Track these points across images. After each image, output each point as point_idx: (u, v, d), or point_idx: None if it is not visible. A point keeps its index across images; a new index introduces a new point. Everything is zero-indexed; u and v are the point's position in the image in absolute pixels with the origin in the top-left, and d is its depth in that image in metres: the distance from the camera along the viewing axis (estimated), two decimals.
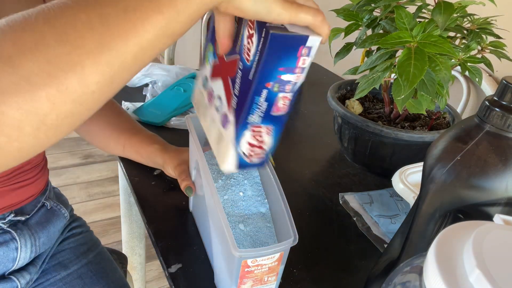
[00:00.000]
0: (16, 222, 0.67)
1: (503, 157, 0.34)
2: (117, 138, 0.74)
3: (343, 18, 0.75)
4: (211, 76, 0.48)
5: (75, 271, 0.76)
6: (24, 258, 0.68)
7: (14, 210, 0.67)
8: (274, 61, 0.38)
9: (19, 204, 0.67)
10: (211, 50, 0.48)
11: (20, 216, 0.67)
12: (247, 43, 0.39)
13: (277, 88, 0.40)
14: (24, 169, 0.67)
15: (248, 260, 0.44)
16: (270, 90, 0.39)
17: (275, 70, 0.38)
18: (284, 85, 0.40)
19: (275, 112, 0.42)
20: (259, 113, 0.41)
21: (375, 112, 0.83)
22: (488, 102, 0.35)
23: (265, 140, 0.44)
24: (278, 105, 0.41)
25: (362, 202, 0.71)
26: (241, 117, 0.41)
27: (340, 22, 0.76)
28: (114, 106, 0.79)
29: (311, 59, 0.39)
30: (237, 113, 0.42)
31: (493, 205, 0.35)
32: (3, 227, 0.65)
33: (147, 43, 0.31)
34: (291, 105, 0.42)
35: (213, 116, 0.47)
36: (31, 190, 0.69)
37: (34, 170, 0.69)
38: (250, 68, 0.39)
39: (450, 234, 0.26)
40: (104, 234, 1.74)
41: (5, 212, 0.65)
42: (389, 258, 0.46)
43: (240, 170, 0.45)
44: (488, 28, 0.68)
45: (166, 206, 0.67)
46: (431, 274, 0.24)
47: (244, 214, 0.52)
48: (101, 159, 2.21)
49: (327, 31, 0.37)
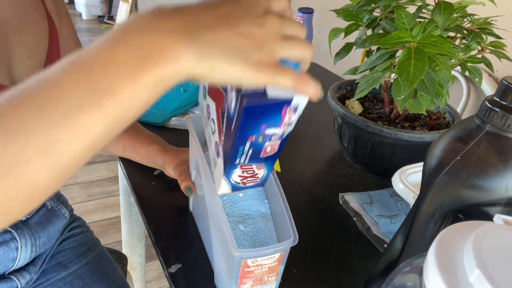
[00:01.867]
0: (16, 221, 0.67)
1: (503, 157, 0.34)
2: (117, 139, 0.73)
3: (343, 18, 0.75)
4: (208, 92, 0.46)
5: (75, 271, 0.76)
6: (24, 258, 0.68)
7: None
8: (254, 125, 0.35)
9: None
10: None
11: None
12: (229, 92, 0.36)
13: (261, 139, 0.37)
14: None
15: (248, 260, 0.44)
16: (255, 141, 0.37)
17: (256, 128, 0.35)
18: (270, 137, 0.37)
19: (263, 155, 0.40)
20: (247, 157, 0.39)
21: (375, 112, 0.83)
22: (488, 102, 0.35)
23: (257, 173, 0.42)
24: (265, 151, 0.39)
25: (362, 202, 0.71)
26: (229, 158, 0.39)
27: (340, 22, 0.76)
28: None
29: (298, 114, 0.36)
30: (225, 152, 0.39)
31: (493, 205, 0.35)
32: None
33: (95, 138, 0.30)
34: (281, 146, 0.40)
35: (210, 135, 0.45)
36: None
37: None
38: (233, 118, 0.36)
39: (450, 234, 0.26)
40: (104, 234, 1.74)
41: None
42: (389, 258, 0.46)
43: (236, 192, 0.44)
44: (488, 28, 0.68)
45: (166, 206, 0.67)
46: (431, 274, 0.24)
47: (244, 214, 0.52)
48: (101, 159, 2.21)
49: (313, 90, 0.34)
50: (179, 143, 0.73)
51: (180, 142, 0.74)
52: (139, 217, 1.12)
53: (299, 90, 0.33)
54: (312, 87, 0.34)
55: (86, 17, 4.70)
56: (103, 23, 4.49)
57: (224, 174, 0.42)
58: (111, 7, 4.72)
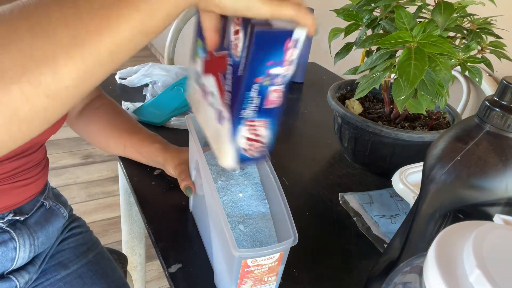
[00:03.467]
0: (15, 221, 0.67)
1: (503, 157, 0.34)
2: (117, 138, 0.73)
3: (343, 18, 0.75)
4: (203, 72, 0.48)
5: (74, 271, 0.76)
6: (23, 258, 0.68)
7: (13, 210, 0.67)
8: (262, 57, 0.38)
9: (19, 204, 0.67)
10: (200, 45, 0.47)
11: (19, 215, 0.67)
12: (234, 39, 0.39)
13: (267, 82, 0.40)
14: (26, 167, 0.66)
15: (248, 260, 0.44)
16: (260, 85, 0.39)
17: (263, 65, 0.38)
18: (274, 78, 0.40)
19: (268, 105, 0.42)
20: (252, 108, 0.41)
21: (375, 112, 0.83)
22: (488, 102, 0.35)
23: (262, 134, 0.44)
24: (270, 98, 0.41)
25: (362, 202, 0.71)
26: (235, 113, 0.41)
27: (340, 22, 0.76)
28: (113, 106, 0.79)
29: (299, 50, 0.39)
30: (231, 109, 0.42)
31: (493, 205, 0.35)
32: (2, 226, 0.65)
33: (122, 40, 0.31)
34: (284, 97, 0.42)
35: (209, 112, 0.47)
36: (31, 190, 0.69)
37: (35, 169, 0.69)
38: (239, 64, 0.39)
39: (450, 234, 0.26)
40: (104, 234, 1.74)
41: (4, 212, 0.65)
42: (389, 258, 0.46)
43: (241, 165, 0.45)
44: (488, 28, 0.68)
45: (166, 206, 0.67)
46: (431, 274, 0.24)
47: (244, 214, 0.52)
48: (101, 159, 2.21)
49: (311, 22, 0.37)
50: (179, 143, 0.73)
51: (180, 142, 0.74)
52: (139, 217, 1.12)
53: (300, 20, 0.37)
54: (310, 18, 0.37)
55: None
56: None
57: (230, 136, 0.42)
58: None
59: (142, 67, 1.09)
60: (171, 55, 1.40)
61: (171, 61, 1.40)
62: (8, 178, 0.63)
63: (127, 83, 1.07)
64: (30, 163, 0.67)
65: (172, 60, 1.40)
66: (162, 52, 3.53)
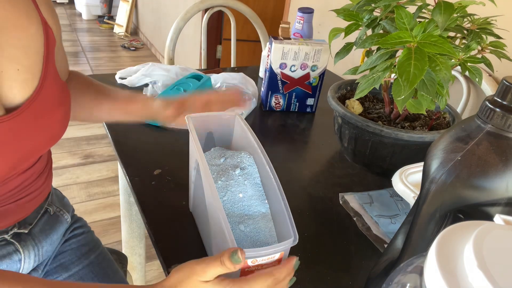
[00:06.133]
0: (19, 233, 0.66)
1: (503, 157, 0.34)
2: (99, 105, 0.72)
3: (343, 18, 0.75)
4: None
5: (76, 273, 0.75)
6: (27, 268, 0.68)
7: (18, 223, 0.66)
8: None
9: (24, 216, 0.66)
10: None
11: (23, 228, 0.66)
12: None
13: None
14: (30, 180, 0.64)
15: (248, 260, 0.44)
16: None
17: None
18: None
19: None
20: None
21: (375, 112, 0.83)
22: (489, 102, 0.35)
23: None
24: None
25: (362, 202, 0.71)
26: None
27: (340, 22, 0.76)
28: (83, 77, 0.75)
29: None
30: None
31: (493, 205, 0.35)
32: (6, 238, 0.64)
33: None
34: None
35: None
36: (37, 202, 0.67)
37: (39, 180, 0.66)
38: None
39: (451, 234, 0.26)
40: (104, 234, 1.74)
41: (9, 226, 0.64)
42: (389, 258, 0.46)
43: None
44: (488, 28, 0.68)
45: (166, 206, 0.67)
46: (431, 274, 0.24)
47: (244, 214, 0.52)
48: (101, 159, 2.21)
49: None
50: (179, 143, 0.73)
51: (180, 142, 0.74)
52: (139, 217, 1.12)
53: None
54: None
55: (86, 17, 4.70)
56: (103, 23, 4.49)
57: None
58: (111, 7, 4.72)
59: (142, 67, 1.09)
60: (171, 55, 1.40)
61: (171, 61, 1.40)
62: (12, 196, 0.61)
63: (127, 83, 1.07)
64: (34, 176, 0.65)
65: (172, 60, 1.40)
66: (162, 52, 3.53)
